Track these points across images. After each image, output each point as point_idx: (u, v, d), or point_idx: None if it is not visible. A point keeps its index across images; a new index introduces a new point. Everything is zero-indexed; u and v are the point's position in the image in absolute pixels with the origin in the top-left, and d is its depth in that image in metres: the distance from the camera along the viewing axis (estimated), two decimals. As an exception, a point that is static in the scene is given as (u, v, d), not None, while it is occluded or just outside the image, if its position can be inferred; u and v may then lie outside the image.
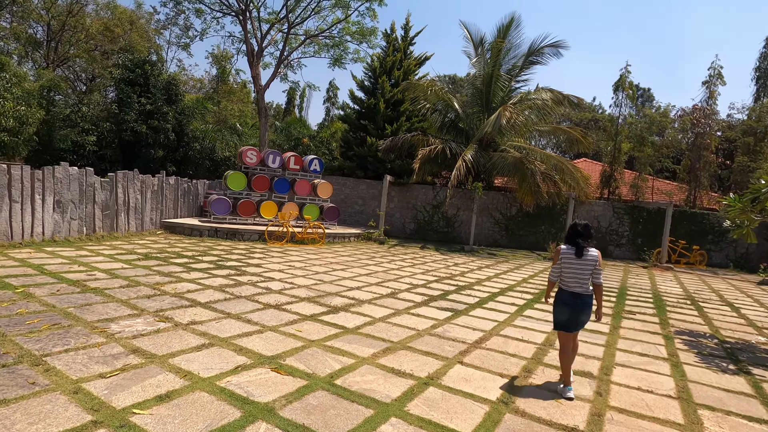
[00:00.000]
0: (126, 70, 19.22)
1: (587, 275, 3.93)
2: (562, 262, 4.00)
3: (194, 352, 4.06)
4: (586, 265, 3.91)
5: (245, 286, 6.97)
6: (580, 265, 3.92)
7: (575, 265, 3.93)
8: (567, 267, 3.97)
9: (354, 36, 22.07)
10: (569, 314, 3.96)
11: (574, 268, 3.94)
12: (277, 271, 8.61)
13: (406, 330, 5.42)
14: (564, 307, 3.98)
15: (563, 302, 3.99)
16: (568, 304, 3.95)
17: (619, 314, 7.42)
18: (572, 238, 4.00)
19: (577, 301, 3.93)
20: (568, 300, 3.96)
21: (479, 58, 17.90)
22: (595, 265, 3.92)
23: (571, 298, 3.95)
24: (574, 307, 3.94)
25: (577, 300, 3.93)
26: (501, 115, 14.98)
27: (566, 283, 3.99)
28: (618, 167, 19.79)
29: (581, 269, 3.92)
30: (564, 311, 3.99)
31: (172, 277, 7.10)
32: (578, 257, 3.92)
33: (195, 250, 10.16)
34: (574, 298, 3.94)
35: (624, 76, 19.79)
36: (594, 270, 3.93)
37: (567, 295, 3.98)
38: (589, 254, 3.92)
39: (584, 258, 3.92)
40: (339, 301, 6.60)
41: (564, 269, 4.00)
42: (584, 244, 3.93)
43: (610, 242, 17.56)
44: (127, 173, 11.47)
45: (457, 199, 17.92)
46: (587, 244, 3.95)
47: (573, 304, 3.94)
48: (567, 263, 3.97)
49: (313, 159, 15.42)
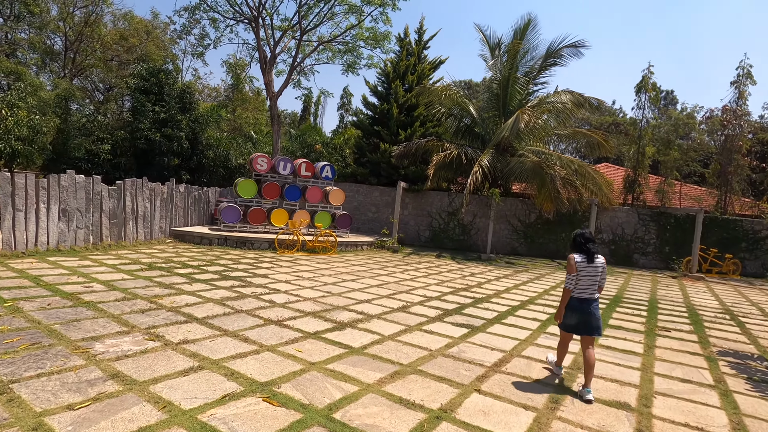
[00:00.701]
0: (141, 79, 19.33)
1: (596, 280, 4.13)
2: (579, 271, 4.10)
3: (180, 377, 3.65)
4: (596, 271, 4.12)
5: (248, 299, 6.58)
6: (592, 271, 4.11)
7: (589, 271, 4.10)
8: (582, 274, 4.10)
9: (367, 41, 21.82)
10: (578, 318, 4.14)
11: (587, 274, 4.10)
12: (284, 282, 8.22)
13: (418, 350, 4.94)
14: (573, 312, 4.16)
15: (572, 307, 4.17)
16: (577, 309, 4.13)
17: (652, 331, 6.79)
18: (581, 245, 4.16)
19: (584, 306, 4.10)
20: (576, 305, 4.13)
21: (495, 61, 17.39)
22: (603, 269, 4.16)
23: (579, 303, 4.12)
24: (582, 312, 4.11)
25: (585, 305, 4.11)
26: (519, 119, 14.42)
27: (580, 289, 4.13)
28: (642, 172, 18.96)
29: (593, 275, 4.11)
30: (573, 316, 4.16)
31: (172, 289, 6.77)
32: (590, 263, 4.10)
33: (202, 259, 9.86)
34: (582, 303, 4.11)
35: (647, 77, 19.02)
36: (602, 275, 4.16)
37: (575, 300, 4.14)
38: (598, 260, 4.15)
39: (595, 264, 4.12)
40: (346, 315, 6.16)
41: (579, 277, 4.11)
42: (594, 250, 4.14)
43: (636, 250, 16.73)
44: (135, 181, 11.29)
45: (474, 206, 17.35)
46: (596, 250, 4.17)
47: (581, 309, 4.11)
48: (582, 270, 4.10)
49: (324, 165, 15.09)
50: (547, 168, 15.19)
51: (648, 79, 18.95)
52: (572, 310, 4.17)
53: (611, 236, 16.87)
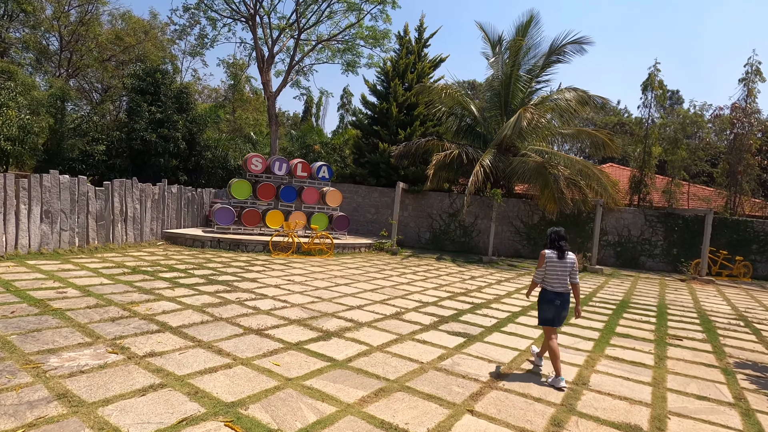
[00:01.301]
0: (137, 79, 19.04)
1: (567, 275, 4.38)
2: (547, 265, 4.39)
3: (136, 398, 3.26)
4: (566, 266, 4.37)
5: (231, 306, 6.20)
6: (562, 267, 4.36)
7: (558, 267, 4.36)
8: (551, 269, 4.38)
9: (367, 40, 21.45)
10: (554, 311, 4.38)
11: (557, 270, 4.37)
12: (273, 286, 7.83)
13: (408, 363, 4.53)
14: (550, 305, 4.38)
15: (548, 301, 4.39)
16: (553, 302, 4.36)
17: (663, 339, 6.35)
18: (555, 242, 4.40)
19: (559, 299, 4.36)
20: (552, 298, 4.37)
21: (497, 58, 16.99)
22: (573, 266, 4.40)
23: (555, 296, 4.37)
24: (557, 306, 4.36)
25: (560, 298, 4.37)
26: (521, 117, 14.00)
27: (550, 283, 4.40)
28: (648, 172, 18.47)
29: (563, 270, 4.36)
30: (550, 309, 4.39)
31: (151, 295, 6.39)
32: (560, 259, 4.36)
33: (191, 262, 9.50)
34: (558, 297, 4.37)
35: (653, 75, 18.53)
36: (572, 270, 4.39)
37: (551, 294, 4.38)
38: (569, 256, 4.40)
39: (565, 260, 4.37)
40: (334, 324, 5.76)
41: (548, 271, 4.39)
42: (566, 248, 4.39)
43: (642, 252, 16.23)
44: (124, 181, 10.96)
45: (475, 207, 16.92)
46: (567, 248, 4.41)
47: (557, 303, 4.36)
48: (551, 265, 4.37)
49: (321, 166, 14.72)
50: (551, 168, 14.75)
51: (654, 77, 18.46)
52: (550, 304, 4.39)
53: (617, 238, 16.40)
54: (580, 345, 5.72)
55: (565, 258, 4.37)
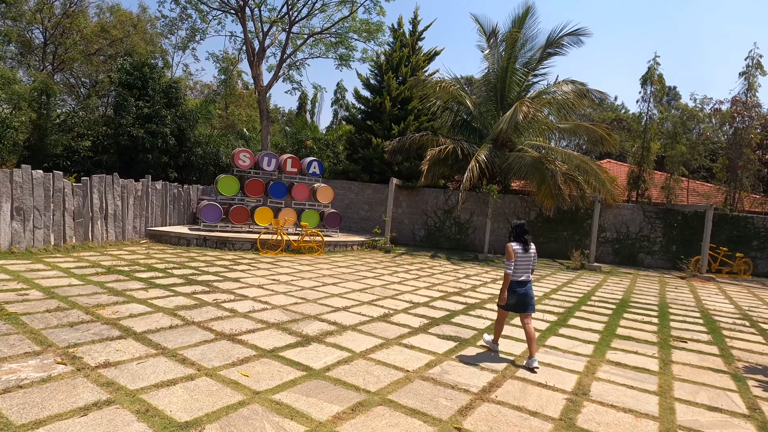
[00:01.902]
0: (124, 74, 18.54)
1: (530, 265, 4.71)
2: (516, 258, 4.61)
3: (74, 418, 2.86)
4: (530, 258, 4.70)
5: (206, 308, 5.79)
6: (527, 257, 4.68)
7: (524, 258, 4.66)
8: (519, 261, 4.63)
9: (360, 33, 20.98)
10: (517, 299, 4.65)
11: (522, 261, 4.65)
12: (256, 287, 7.42)
13: (392, 371, 4.14)
14: (513, 293, 4.65)
15: (512, 290, 4.66)
16: (517, 291, 4.64)
17: (666, 342, 5.98)
18: (520, 236, 4.69)
19: (521, 288, 4.65)
20: (515, 287, 4.64)
21: (492, 51, 16.58)
22: (534, 256, 4.78)
23: (518, 285, 4.65)
24: (520, 293, 4.63)
25: (523, 286, 4.66)
26: (517, 111, 13.61)
27: (515, 273, 4.64)
28: (647, 167, 18.13)
29: (527, 260, 4.68)
30: (513, 296, 4.65)
31: (122, 297, 5.97)
32: (525, 252, 4.66)
33: (172, 262, 9.08)
34: (520, 285, 4.65)
35: (652, 69, 18.15)
36: (533, 261, 4.76)
37: (514, 283, 4.65)
38: (531, 248, 4.73)
39: (529, 252, 4.68)
40: (315, 327, 5.36)
41: (517, 263, 4.63)
42: (529, 240, 4.71)
43: (641, 249, 15.89)
44: (104, 177, 10.51)
45: (471, 204, 16.54)
46: (530, 240, 4.73)
47: (520, 291, 4.64)
48: (519, 257, 4.63)
49: (312, 161, 14.29)
50: (548, 163, 14.37)
51: (654, 71, 18.08)
52: (512, 292, 4.65)
53: (615, 234, 16.05)
54: (580, 348, 5.35)
55: (529, 250, 4.69)
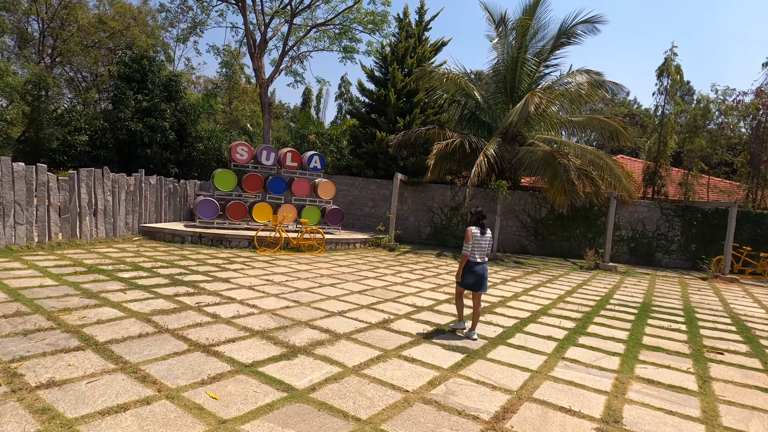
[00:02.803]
0: (123, 66, 18.10)
1: (486, 248, 5.18)
2: (474, 240, 5.09)
3: (-14, 459, 2.30)
4: (487, 241, 5.18)
5: (186, 313, 5.23)
6: (483, 241, 5.15)
7: (481, 241, 5.13)
8: (476, 243, 5.10)
9: (365, 25, 20.32)
10: (476, 278, 5.12)
11: (480, 243, 5.13)
12: (246, 288, 6.86)
13: (388, 392, 3.54)
14: (472, 273, 5.11)
15: (471, 270, 5.12)
16: (475, 270, 5.10)
17: (700, 353, 5.32)
18: (478, 220, 5.18)
19: (479, 268, 5.11)
20: (474, 267, 5.10)
21: (501, 40, 15.84)
22: (490, 240, 5.24)
23: (476, 266, 5.12)
24: (477, 273, 5.11)
25: (480, 266, 5.12)
26: (528, 102, 12.89)
27: (475, 255, 5.11)
28: (663, 162, 17.34)
29: (483, 244, 5.16)
30: (472, 276, 5.12)
31: (95, 300, 5.44)
32: (482, 235, 5.14)
33: (162, 260, 8.55)
34: (477, 266, 5.12)
35: (669, 59, 17.32)
36: (488, 244, 5.23)
37: (473, 264, 5.12)
38: (488, 233, 5.20)
39: (486, 236, 5.16)
40: (305, 335, 4.77)
41: (474, 245, 5.09)
42: (486, 225, 5.20)
43: (658, 248, 15.13)
44: (92, 171, 10.01)
45: (479, 200, 15.87)
46: (487, 225, 5.23)
47: (477, 271, 5.11)
48: (476, 240, 5.10)
49: (313, 155, 13.70)
50: (561, 157, 13.64)
51: (671, 62, 17.26)
52: (471, 272, 5.14)
53: (631, 233, 15.30)
54: (604, 362, 4.71)
55: (485, 234, 5.20)
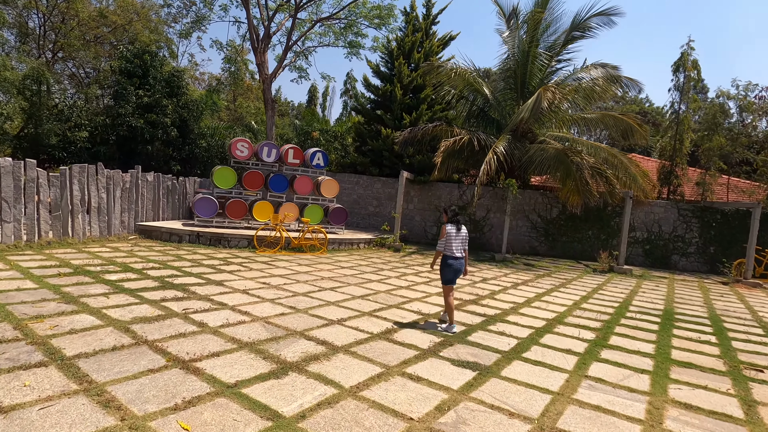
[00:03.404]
0: (124, 61, 17.76)
1: (462, 244, 5.57)
2: (448, 237, 5.48)
3: None
4: (462, 237, 5.57)
5: (170, 321, 4.79)
6: (459, 237, 5.54)
7: (457, 238, 5.52)
8: (452, 239, 5.49)
9: (371, 20, 19.84)
10: (454, 273, 5.49)
11: (456, 240, 5.51)
12: (241, 292, 6.42)
13: (390, 420, 3.07)
14: (451, 268, 5.48)
15: (450, 265, 5.48)
16: (454, 265, 5.49)
17: (738, 371, 4.79)
18: (453, 218, 5.60)
19: (457, 263, 5.52)
20: (453, 263, 5.48)
21: (512, 34, 15.29)
22: (466, 236, 5.63)
23: (455, 260, 5.49)
24: (457, 268, 5.51)
25: (458, 262, 5.52)
26: (541, 97, 12.35)
27: (451, 250, 5.48)
28: (680, 161, 16.72)
29: (460, 240, 5.54)
30: (452, 270, 5.49)
31: (74, 305, 5.02)
32: (458, 231, 5.53)
33: (155, 260, 8.14)
34: (456, 261, 5.50)
35: (686, 54, 16.67)
36: (465, 240, 5.60)
37: (452, 259, 5.48)
38: (463, 229, 5.60)
39: (461, 233, 5.56)
40: (299, 348, 4.31)
41: (449, 241, 5.48)
42: (461, 222, 5.62)
43: (675, 250, 14.51)
44: (85, 167, 9.62)
45: (487, 200, 15.35)
46: (462, 222, 5.67)
47: (456, 266, 5.51)
48: (452, 237, 5.49)
49: (315, 152, 13.25)
50: (573, 155, 13.09)
51: (688, 56, 16.60)
52: (450, 267, 5.44)
53: (646, 234, 14.69)
54: (633, 381, 4.20)
55: (461, 231, 5.51)
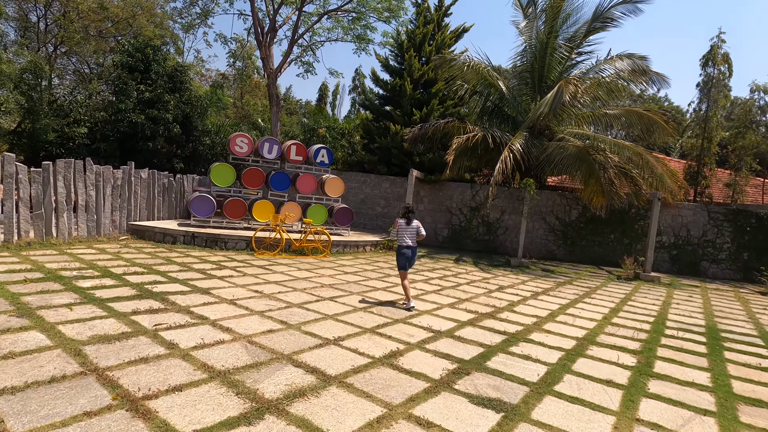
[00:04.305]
0: (126, 55, 17.23)
1: (413, 234, 6.64)
2: (400, 228, 6.63)
3: None
4: (413, 229, 6.64)
5: (135, 340, 4.05)
6: (410, 228, 6.62)
7: (407, 229, 6.61)
8: (403, 231, 6.61)
9: (380, 13, 19.06)
10: (407, 260, 6.56)
11: (406, 231, 6.61)
12: (228, 302, 5.68)
13: (390, 496, 2.28)
14: (403, 256, 6.55)
15: (402, 254, 6.56)
16: (405, 254, 6.54)
17: (820, 412, 3.91)
18: (405, 214, 6.67)
19: (409, 251, 6.56)
20: (405, 251, 6.55)
21: (529, 25, 14.39)
22: (417, 229, 6.66)
23: (406, 249, 6.56)
24: (408, 256, 6.56)
25: (410, 250, 6.57)
26: (563, 90, 11.47)
27: (403, 240, 6.58)
28: (708, 161, 15.69)
29: (410, 231, 6.63)
30: (404, 258, 6.55)
31: (27, 320, 4.31)
32: (408, 224, 6.61)
33: (141, 264, 7.45)
34: (408, 249, 6.56)
35: (716, 47, 15.63)
36: (417, 231, 6.66)
37: (404, 248, 6.56)
38: (413, 223, 6.64)
39: (411, 225, 6.62)
40: (283, 378, 3.54)
41: (400, 232, 6.63)
42: (412, 217, 6.67)
43: (704, 257, 13.50)
44: (71, 162, 8.98)
45: (502, 200, 14.49)
46: (413, 218, 6.70)
47: (408, 254, 6.55)
48: (403, 229, 6.62)
49: (320, 148, 12.50)
50: (596, 153, 12.18)
51: (718, 49, 15.57)
52: (402, 255, 6.56)
53: (673, 239, 13.71)
54: (696, 426, 3.36)
55: (411, 224, 6.56)
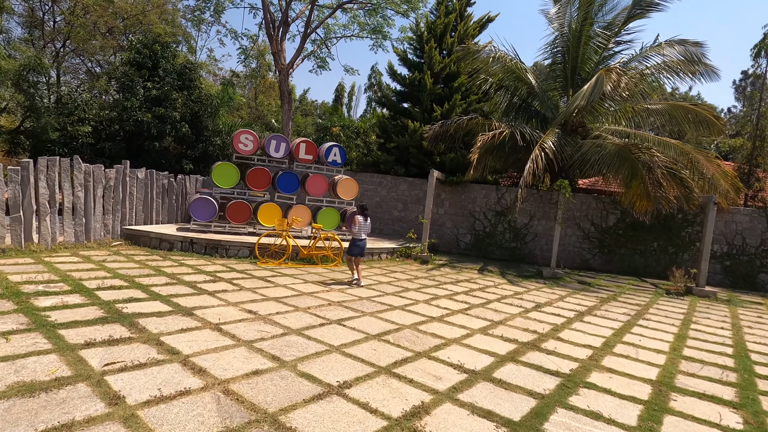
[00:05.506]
0: (134, 52, 16.56)
1: (368, 230, 7.97)
2: (360, 225, 7.79)
3: None
4: (368, 225, 7.97)
5: (69, 390, 3.02)
6: (366, 226, 7.91)
7: (364, 226, 7.87)
8: (361, 227, 7.80)
9: (398, 8, 17.97)
10: (359, 250, 7.78)
11: (363, 228, 7.85)
12: (212, 327, 4.64)
13: None
14: (357, 246, 7.78)
15: (357, 245, 7.80)
16: (359, 245, 7.79)
17: None
18: (362, 212, 7.93)
19: (362, 243, 7.83)
20: (360, 243, 7.80)
21: (561, 10, 13.09)
22: (370, 224, 8.04)
23: (361, 241, 7.82)
24: (361, 246, 7.81)
25: (363, 242, 7.85)
26: (602, 81, 10.18)
27: (359, 235, 7.81)
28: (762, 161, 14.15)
29: (366, 228, 7.92)
30: (357, 249, 7.77)
31: (-59, 357, 3.33)
32: (365, 221, 7.88)
33: (122, 276, 6.49)
34: (362, 241, 7.83)
35: (770, 36, 14.11)
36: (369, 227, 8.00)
37: (360, 240, 7.82)
38: (368, 220, 7.99)
39: (367, 222, 7.94)
40: (259, 464, 2.45)
41: (360, 228, 7.78)
42: (368, 215, 8.01)
43: (763, 268, 11.97)
44: (56, 160, 8.12)
45: (530, 204, 13.22)
46: (368, 215, 8.04)
47: (363, 245, 7.84)
48: (362, 225, 7.81)
49: (331, 147, 11.45)
50: (639, 152, 10.82)
51: (772, 38, 14.04)
52: (357, 246, 7.78)
53: (726, 248, 12.22)
54: None
55: (367, 221, 7.94)
